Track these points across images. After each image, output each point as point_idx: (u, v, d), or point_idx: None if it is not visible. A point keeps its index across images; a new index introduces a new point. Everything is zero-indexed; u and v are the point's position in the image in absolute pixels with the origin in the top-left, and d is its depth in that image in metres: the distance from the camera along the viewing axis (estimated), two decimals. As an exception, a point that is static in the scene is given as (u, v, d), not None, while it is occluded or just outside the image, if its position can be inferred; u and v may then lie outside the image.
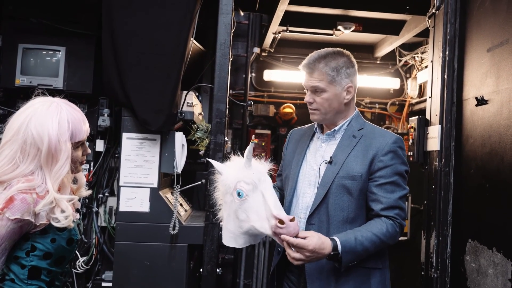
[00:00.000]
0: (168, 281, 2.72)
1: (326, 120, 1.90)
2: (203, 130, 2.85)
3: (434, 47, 3.04)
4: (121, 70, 2.66)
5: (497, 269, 2.37)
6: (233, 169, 1.69)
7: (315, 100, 1.86)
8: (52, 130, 1.49)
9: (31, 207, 1.43)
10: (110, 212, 3.16)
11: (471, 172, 2.67)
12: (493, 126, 2.49)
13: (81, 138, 1.58)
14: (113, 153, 3.23)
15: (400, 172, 1.79)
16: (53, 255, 1.53)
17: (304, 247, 1.58)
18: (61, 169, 1.51)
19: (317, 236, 1.63)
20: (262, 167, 1.69)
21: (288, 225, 1.57)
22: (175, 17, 2.65)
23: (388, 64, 4.75)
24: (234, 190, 1.64)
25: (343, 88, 1.84)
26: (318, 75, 1.83)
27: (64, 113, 1.54)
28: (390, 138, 1.81)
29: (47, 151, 1.48)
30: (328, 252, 1.62)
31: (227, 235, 1.74)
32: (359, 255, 1.69)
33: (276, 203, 1.64)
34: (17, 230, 1.45)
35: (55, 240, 1.52)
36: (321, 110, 1.85)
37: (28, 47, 2.99)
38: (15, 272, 1.50)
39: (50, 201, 1.47)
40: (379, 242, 1.70)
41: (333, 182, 1.78)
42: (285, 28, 3.92)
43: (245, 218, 1.64)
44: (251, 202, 1.63)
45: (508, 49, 2.41)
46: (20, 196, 1.43)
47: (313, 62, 1.85)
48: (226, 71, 2.74)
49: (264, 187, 1.65)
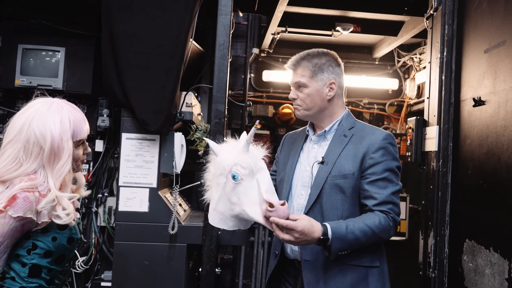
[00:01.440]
0: (167, 280, 2.73)
1: (309, 117, 1.92)
2: (202, 131, 2.86)
3: (432, 48, 3.06)
4: (120, 70, 2.67)
5: (494, 268, 2.38)
6: (230, 152, 1.68)
7: (298, 96, 1.90)
8: (54, 129, 1.52)
9: (33, 206, 1.45)
10: (109, 212, 3.17)
11: (468, 173, 2.69)
12: (490, 126, 2.50)
13: (82, 136, 1.61)
14: (112, 153, 3.24)
15: (391, 168, 1.80)
16: (53, 254, 1.54)
17: (293, 228, 1.59)
18: (63, 167, 1.53)
19: (307, 219, 1.64)
20: (259, 153, 1.69)
21: (277, 209, 1.58)
22: (174, 18, 2.66)
23: (387, 65, 4.76)
24: (229, 172, 1.63)
25: (325, 84, 1.87)
26: (301, 71, 1.88)
27: (65, 112, 1.57)
28: (380, 135, 1.83)
29: (50, 149, 1.51)
30: (317, 235, 1.62)
31: (217, 216, 1.73)
32: (350, 244, 1.68)
33: (269, 188, 1.63)
34: (19, 228, 1.46)
35: (56, 238, 1.54)
36: (303, 106, 1.89)
37: (27, 47, 3.01)
38: (16, 270, 1.52)
39: (52, 199, 1.49)
40: (371, 233, 1.70)
41: (325, 181, 1.79)
42: (284, 29, 3.93)
43: (237, 201, 1.64)
44: (245, 186, 1.63)
45: (505, 50, 2.42)
46: (23, 195, 1.44)
47: (297, 59, 1.91)
48: (225, 71, 2.75)
49: (259, 173, 1.65)
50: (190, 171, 3.39)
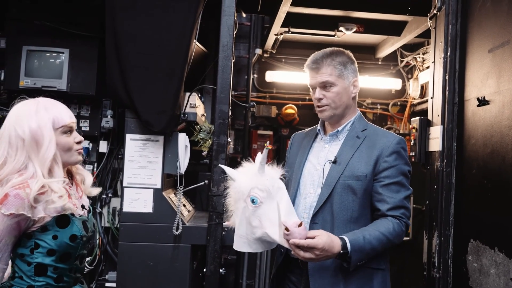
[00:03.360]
0: (171, 281, 2.74)
1: (335, 116, 1.90)
2: (206, 131, 2.86)
3: (435, 48, 3.06)
4: (124, 71, 2.68)
5: (499, 268, 2.37)
6: (246, 176, 1.69)
7: (325, 96, 1.87)
8: (30, 119, 1.57)
9: (25, 202, 1.48)
10: (113, 212, 3.18)
11: (472, 172, 2.69)
12: (494, 126, 2.50)
13: (64, 123, 1.63)
14: (116, 154, 3.25)
15: (404, 172, 1.82)
16: (56, 252, 1.56)
17: (314, 246, 1.59)
18: (46, 153, 1.56)
19: (326, 235, 1.63)
20: (275, 173, 1.70)
21: (293, 232, 1.58)
22: (178, 19, 2.66)
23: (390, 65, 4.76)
24: (248, 197, 1.64)
25: (351, 82, 1.89)
26: (326, 70, 1.86)
27: (41, 104, 1.62)
28: (394, 139, 1.84)
29: (30, 138, 1.55)
30: (337, 251, 1.63)
31: (240, 240, 1.74)
32: (368, 254, 1.70)
33: (288, 209, 1.64)
34: (15, 226, 1.49)
35: (57, 236, 1.56)
36: (332, 105, 1.87)
37: (32, 49, 3.01)
38: (22, 269, 1.56)
39: (40, 185, 1.51)
40: (386, 241, 1.71)
41: (338, 181, 1.79)
42: (287, 29, 3.93)
43: (258, 224, 1.65)
44: (265, 209, 1.64)
45: (509, 50, 2.42)
46: (14, 192, 1.48)
47: (319, 58, 1.88)
48: (228, 72, 2.75)
49: (278, 194, 1.65)
50: (194, 172, 3.40)
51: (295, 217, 1.64)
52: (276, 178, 1.68)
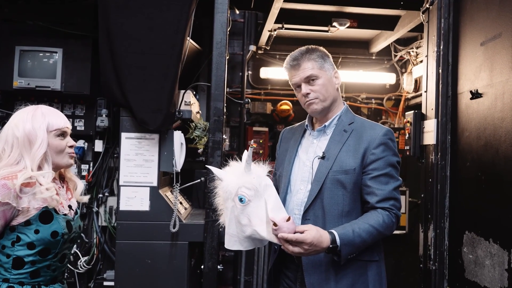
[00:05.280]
0: (169, 278, 2.75)
1: (325, 109, 1.91)
2: (201, 129, 2.87)
3: (428, 42, 3.07)
4: (118, 70, 2.68)
5: (494, 259, 2.40)
6: (233, 175, 1.69)
7: (312, 90, 1.88)
8: (27, 121, 1.71)
9: (11, 192, 1.58)
10: (110, 211, 3.18)
11: (467, 165, 2.71)
12: (487, 119, 2.52)
13: (58, 126, 1.75)
14: (112, 153, 3.25)
15: (392, 164, 1.82)
16: (36, 246, 1.65)
17: (302, 240, 1.60)
18: (38, 151, 1.68)
19: (315, 229, 1.64)
20: (262, 171, 1.70)
21: (281, 226, 1.59)
22: (171, 17, 2.66)
23: (384, 60, 4.77)
24: (236, 196, 1.65)
25: (332, 74, 1.92)
26: (307, 64, 1.88)
27: (39, 110, 1.75)
28: (381, 130, 1.84)
29: (23, 136, 1.68)
30: (326, 245, 1.64)
31: (231, 239, 1.75)
32: (358, 247, 1.71)
33: (276, 205, 1.65)
34: (0, 215, 1.60)
35: (39, 231, 1.65)
36: (320, 97, 1.88)
37: (25, 49, 3.00)
38: (1, 261, 1.65)
39: (27, 176, 1.62)
40: (376, 233, 1.72)
41: (327, 177, 1.80)
42: (281, 25, 3.93)
43: (247, 222, 1.66)
44: (253, 207, 1.64)
45: (501, 43, 2.44)
46: (2, 182, 1.58)
47: (298, 56, 1.92)
48: (223, 69, 2.76)
49: (266, 192, 1.66)
50: (190, 169, 3.40)
51: (283, 212, 1.65)
52: (263, 176, 1.69)
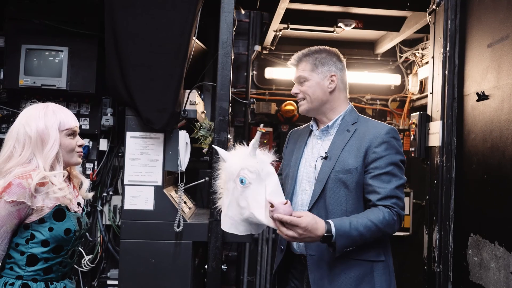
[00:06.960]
0: (173, 278, 2.75)
1: (313, 110, 1.93)
2: (206, 128, 2.87)
3: (434, 43, 3.06)
4: (124, 70, 2.68)
5: (499, 262, 2.39)
6: (238, 157, 1.71)
7: (300, 90, 1.93)
8: (39, 119, 1.72)
9: (26, 191, 1.60)
10: (114, 210, 3.18)
11: (472, 167, 2.69)
12: (494, 121, 2.50)
13: (69, 125, 1.77)
14: (116, 152, 3.25)
15: (395, 162, 1.80)
16: (50, 243, 1.68)
17: (297, 224, 1.60)
18: (50, 151, 1.70)
19: (311, 215, 1.65)
20: (266, 157, 1.71)
21: (278, 207, 1.60)
22: (177, 17, 2.66)
23: (389, 61, 4.76)
24: (237, 177, 1.66)
25: (326, 77, 1.90)
26: (302, 66, 1.93)
27: (50, 108, 1.77)
28: (383, 129, 1.83)
29: (36, 135, 1.70)
30: (321, 233, 1.63)
31: (228, 221, 1.76)
32: (355, 240, 1.69)
33: (275, 190, 1.65)
34: (15, 214, 1.61)
35: (53, 229, 1.67)
36: (306, 98, 1.91)
37: (31, 47, 3.01)
38: (15, 258, 1.67)
39: (41, 176, 1.64)
40: (375, 228, 1.70)
41: (329, 177, 1.80)
42: (286, 25, 3.93)
43: (246, 205, 1.66)
44: (253, 190, 1.65)
45: (508, 45, 2.42)
46: (17, 181, 1.60)
47: (299, 56, 1.96)
48: (228, 69, 2.75)
49: (268, 179, 1.67)
50: (195, 169, 3.40)
51: (282, 197, 1.66)
52: (267, 162, 1.70)
